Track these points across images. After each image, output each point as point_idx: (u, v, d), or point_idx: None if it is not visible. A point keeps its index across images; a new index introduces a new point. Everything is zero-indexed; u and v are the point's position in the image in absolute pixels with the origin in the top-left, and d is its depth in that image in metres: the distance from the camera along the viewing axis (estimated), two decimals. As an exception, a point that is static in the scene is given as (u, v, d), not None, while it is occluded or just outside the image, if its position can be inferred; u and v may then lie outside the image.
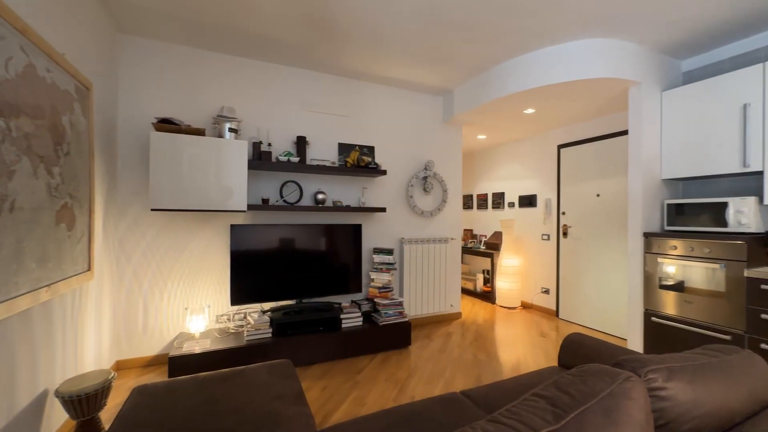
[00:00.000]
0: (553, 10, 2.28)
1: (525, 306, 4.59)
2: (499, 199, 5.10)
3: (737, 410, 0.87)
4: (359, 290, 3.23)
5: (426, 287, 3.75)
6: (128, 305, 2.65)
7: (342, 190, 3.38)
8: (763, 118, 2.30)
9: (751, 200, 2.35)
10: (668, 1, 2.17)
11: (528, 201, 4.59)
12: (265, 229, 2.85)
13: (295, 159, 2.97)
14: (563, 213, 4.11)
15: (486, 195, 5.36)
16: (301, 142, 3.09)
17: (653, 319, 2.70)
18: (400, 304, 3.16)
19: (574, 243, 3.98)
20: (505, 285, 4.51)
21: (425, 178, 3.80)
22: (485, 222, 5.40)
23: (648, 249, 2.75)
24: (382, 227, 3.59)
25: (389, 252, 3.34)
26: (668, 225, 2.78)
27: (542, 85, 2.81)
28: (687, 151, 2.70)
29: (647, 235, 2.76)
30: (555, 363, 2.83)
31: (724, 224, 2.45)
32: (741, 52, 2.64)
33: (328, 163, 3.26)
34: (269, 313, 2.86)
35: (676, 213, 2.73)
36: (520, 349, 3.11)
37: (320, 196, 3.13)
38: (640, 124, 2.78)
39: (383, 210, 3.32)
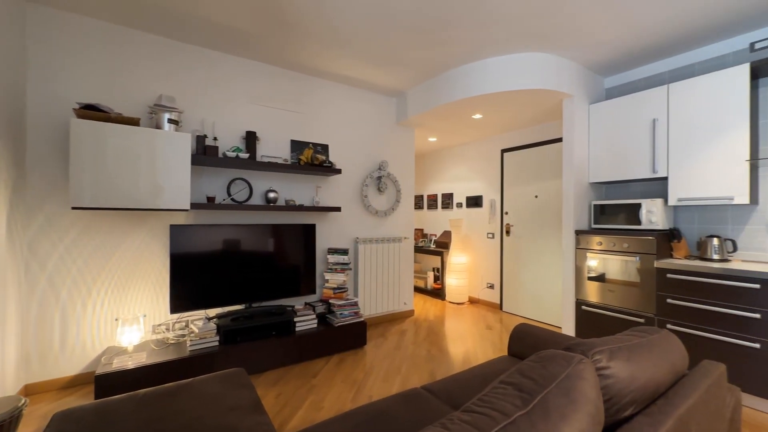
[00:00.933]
0: (501, 23, 2.44)
1: (472, 301, 4.84)
2: (448, 200, 5.32)
3: (662, 382, 1.00)
4: (313, 292, 3.15)
5: (380, 286, 3.77)
6: (41, 319, 2.28)
7: (295, 189, 3.27)
8: (667, 132, 2.70)
9: (659, 202, 2.74)
10: (598, 24, 2.45)
11: (474, 201, 4.85)
12: (211, 230, 2.65)
13: (244, 155, 2.80)
14: (506, 213, 4.42)
15: (436, 195, 5.56)
16: (250, 138, 2.92)
17: (583, 307, 3.01)
18: (356, 304, 3.14)
19: (515, 241, 4.29)
20: (454, 281, 4.72)
21: (379, 178, 3.82)
22: (435, 221, 5.59)
23: (578, 245, 3.07)
24: (337, 227, 3.54)
25: (344, 252, 3.31)
26: (594, 223, 3.12)
27: (490, 92, 2.99)
28: (609, 158, 3.06)
29: (578, 233, 3.07)
30: (502, 353, 3.03)
31: (638, 222, 2.83)
32: (651, 74, 3.06)
33: (280, 161, 3.13)
34: (215, 320, 2.66)
35: (601, 213, 3.08)
36: (469, 342, 3.28)
37: (271, 195, 2.99)
38: (572, 133, 3.09)
39: (338, 209, 3.28)
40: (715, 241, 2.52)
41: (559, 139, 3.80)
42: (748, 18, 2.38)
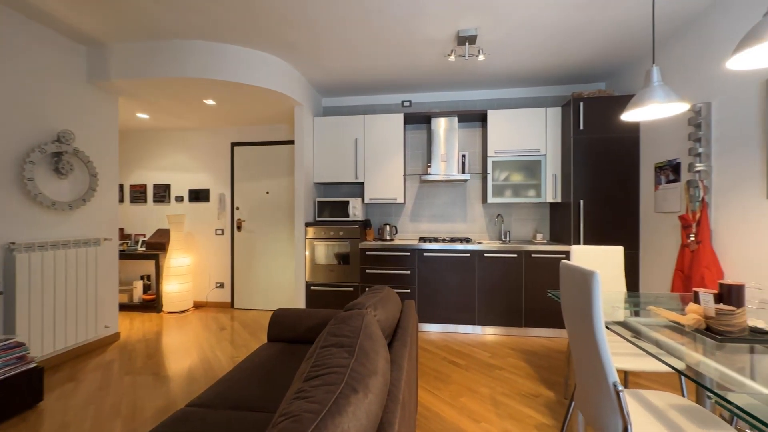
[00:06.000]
0: (261, 14, 2.43)
1: (198, 306, 4.36)
2: (163, 192, 4.46)
3: (396, 317, 1.48)
4: None
5: (63, 311, 2.62)
6: None
7: None
8: (364, 150, 3.72)
9: (359, 200, 3.72)
10: (332, 54, 2.98)
11: (200, 195, 4.39)
12: None
13: None
14: (237, 208, 4.34)
15: (144, 186, 4.51)
16: None
17: (312, 288, 3.56)
18: (20, 345, 2.04)
19: (247, 235, 4.32)
20: (174, 288, 4.05)
21: (58, 154, 2.64)
22: (144, 218, 4.52)
23: (307, 236, 3.59)
24: (-37, 227, 2.11)
25: (-15, 267, 2.04)
26: (318, 217, 3.76)
27: (230, 80, 2.86)
28: (328, 164, 3.79)
29: (307, 225, 3.58)
30: (245, 348, 3.00)
31: (348, 215, 3.71)
32: (354, 104, 4.09)
33: None
34: None
35: (322, 208, 3.76)
36: (205, 348, 2.99)
37: None
38: (302, 138, 3.56)
39: (-31, 198, 1.97)
40: (388, 227, 3.77)
41: (290, 142, 4.22)
42: (401, 85, 3.74)
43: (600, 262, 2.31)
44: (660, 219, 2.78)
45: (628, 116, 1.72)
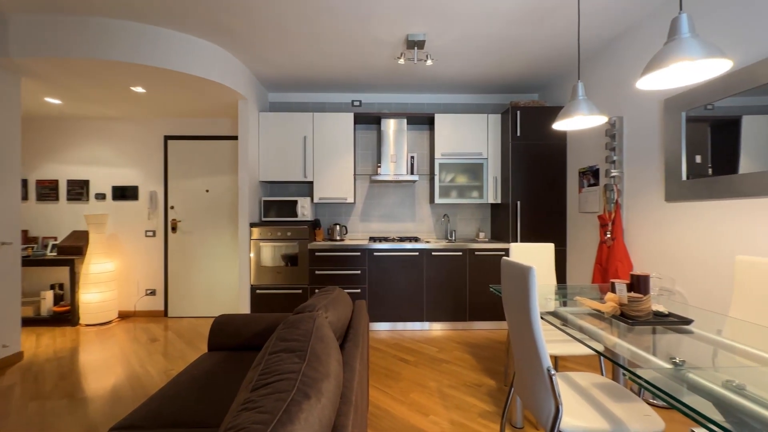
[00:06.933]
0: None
1: (124, 316, 3.92)
2: (80, 189, 3.93)
3: (347, 317, 1.47)
4: None
5: (-56, 330, 2.18)
6: None
7: None
8: (313, 148, 3.64)
9: (308, 200, 3.63)
10: (272, 45, 2.86)
11: (127, 193, 3.94)
12: None
13: None
14: (172, 207, 3.98)
15: (56, 182, 3.93)
16: None
17: (258, 291, 3.39)
18: None
19: (184, 237, 3.97)
20: (94, 297, 3.59)
21: (-63, 142, 2.19)
22: (55, 219, 3.94)
23: (252, 236, 3.41)
24: None
25: None
26: (264, 217, 3.59)
27: (160, 66, 2.61)
28: (275, 162, 3.64)
29: (252, 225, 3.40)
30: (181, 360, 2.76)
31: (296, 215, 3.60)
32: (302, 101, 3.97)
33: None
34: None
35: (268, 207, 3.60)
36: (133, 363, 2.69)
37: None
38: (246, 134, 3.37)
39: None
40: (338, 227, 3.73)
41: (233, 137, 3.97)
42: (351, 84, 3.72)
43: (534, 258, 2.52)
44: (583, 218, 3.12)
45: (558, 126, 1.90)
